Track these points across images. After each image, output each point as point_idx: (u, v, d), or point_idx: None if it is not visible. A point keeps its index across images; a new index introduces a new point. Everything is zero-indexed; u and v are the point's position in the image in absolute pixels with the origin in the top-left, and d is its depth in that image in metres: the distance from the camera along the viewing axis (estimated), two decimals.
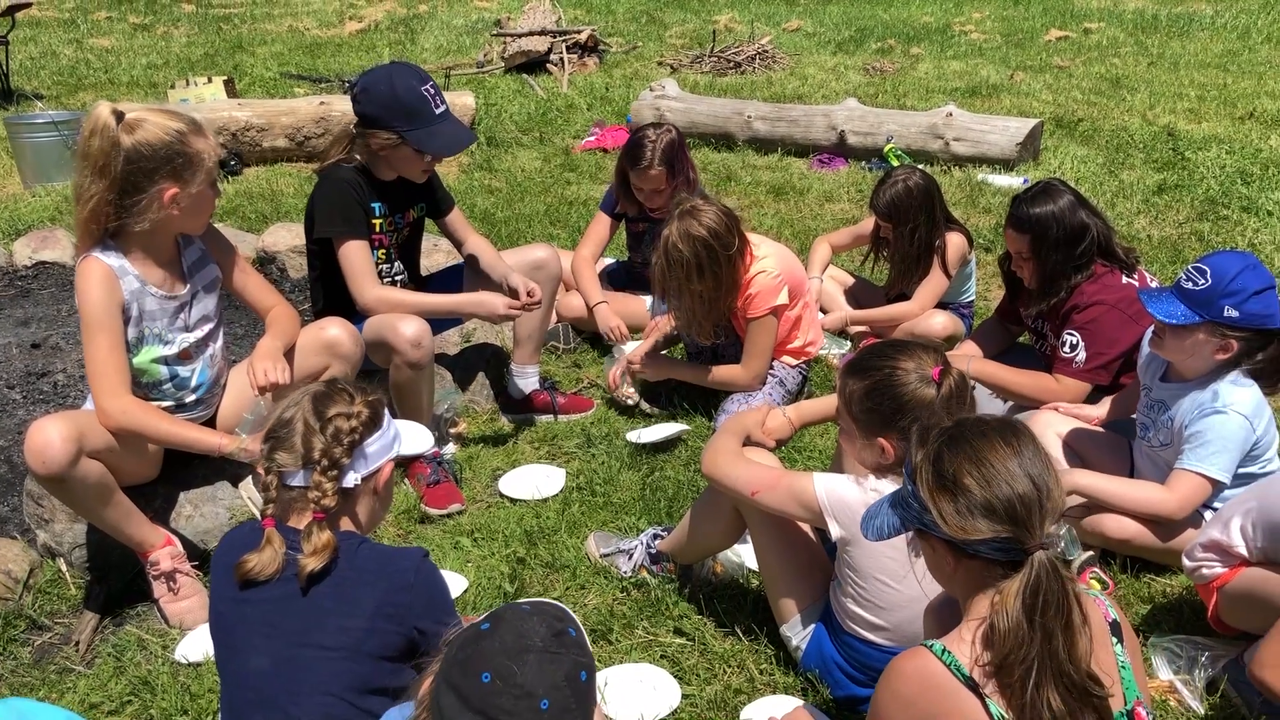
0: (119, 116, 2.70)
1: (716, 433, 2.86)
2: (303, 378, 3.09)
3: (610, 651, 2.73)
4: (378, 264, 3.58)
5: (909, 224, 4.23)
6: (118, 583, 3.03)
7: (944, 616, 1.96)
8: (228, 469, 3.25)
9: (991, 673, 1.67)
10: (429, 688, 1.57)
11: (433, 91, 3.37)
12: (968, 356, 3.72)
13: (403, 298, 3.53)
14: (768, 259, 3.74)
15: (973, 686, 1.68)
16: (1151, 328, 2.96)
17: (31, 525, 3.13)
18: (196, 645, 2.75)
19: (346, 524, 2.11)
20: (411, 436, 2.37)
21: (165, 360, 2.97)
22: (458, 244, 3.88)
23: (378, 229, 3.56)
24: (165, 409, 2.96)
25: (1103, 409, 3.39)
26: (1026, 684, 1.66)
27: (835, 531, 2.36)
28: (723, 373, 3.86)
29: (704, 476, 2.70)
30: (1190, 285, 2.74)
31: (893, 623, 2.37)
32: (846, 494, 2.34)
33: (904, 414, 2.29)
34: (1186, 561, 2.62)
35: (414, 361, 3.35)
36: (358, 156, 3.48)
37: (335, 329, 3.23)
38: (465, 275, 3.88)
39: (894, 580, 2.34)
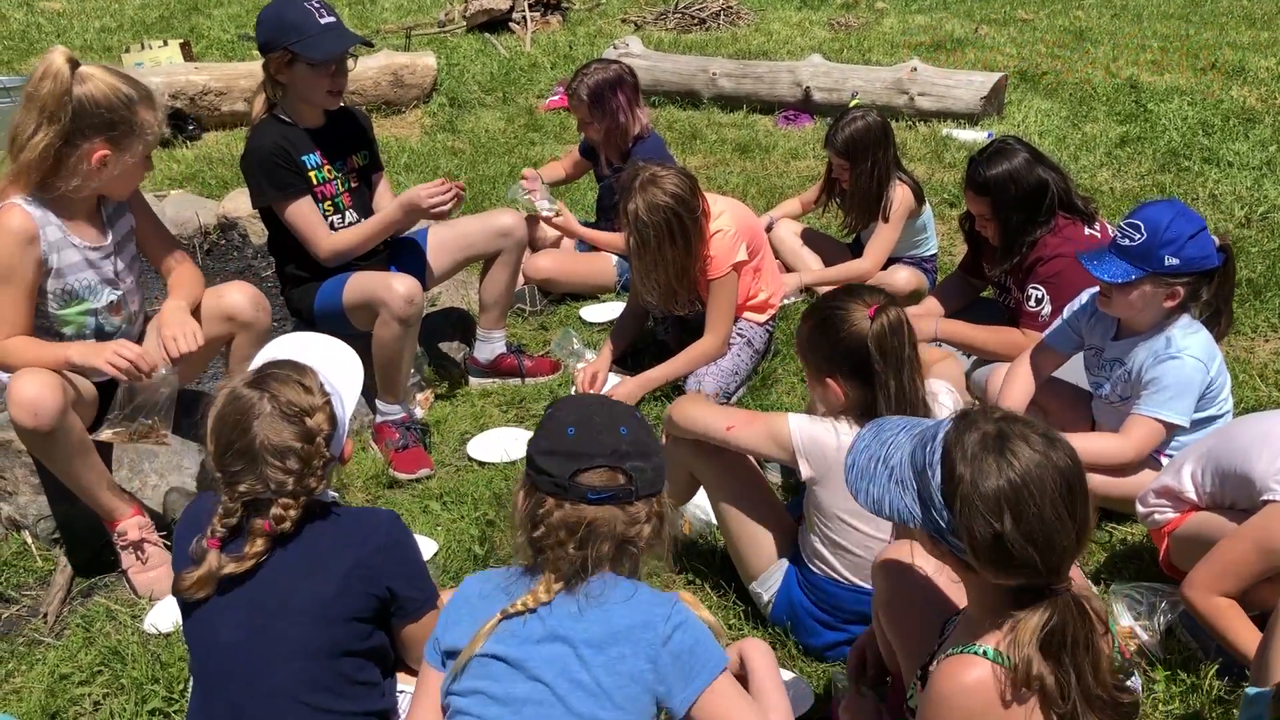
0: (74, 64, 2.67)
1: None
2: (205, 344, 2.99)
3: None
4: (325, 216, 3.51)
5: (866, 161, 4.22)
6: (85, 554, 3.02)
7: (897, 576, 2.01)
8: (195, 430, 3.20)
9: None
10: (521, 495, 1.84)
11: (317, 5, 3.31)
12: (934, 316, 3.75)
13: (353, 237, 3.50)
14: (723, 216, 3.68)
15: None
16: (1097, 289, 3.00)
17: None
18: (166, 615, 2.74)
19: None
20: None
21: (94, 313, 2.93)
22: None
23: (315, 181, 3.49)
24: None
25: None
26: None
27: (805, 472, 2.44)
28: (693, 354, 3.75)
29: (673, 427, 2.70)
30: (1127, 241, 2.78)
31: (856, 562, 2.44)
32: (820, 436, 2.41)
33: (840, 349, 2.38)
34: (1140, 507, 2.68)
35: (405, 318, 3.32)
36: (276, 105, 3.45)
37: (234, 294, 3.13)
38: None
39: (858, 520, 2.40)
